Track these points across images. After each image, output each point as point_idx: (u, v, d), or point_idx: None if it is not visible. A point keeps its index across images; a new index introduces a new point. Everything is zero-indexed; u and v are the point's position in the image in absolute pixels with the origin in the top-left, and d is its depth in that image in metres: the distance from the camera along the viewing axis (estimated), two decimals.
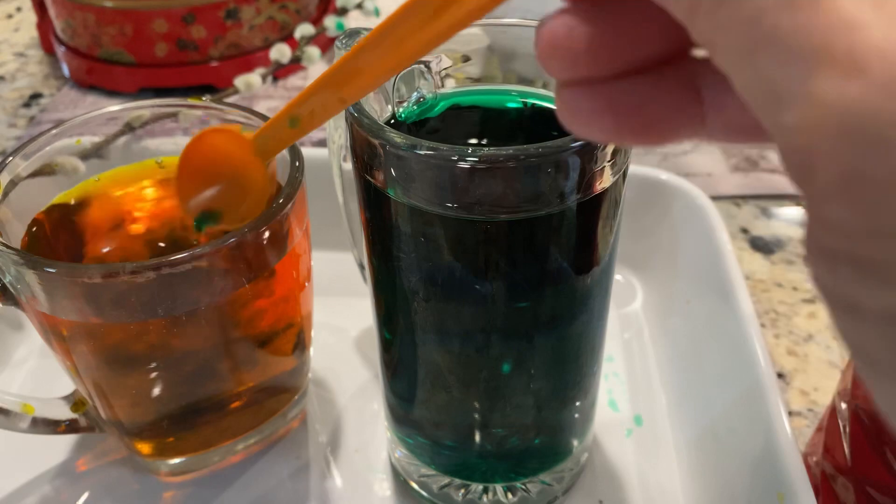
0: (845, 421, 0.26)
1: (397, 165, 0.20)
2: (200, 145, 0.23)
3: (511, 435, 0.27)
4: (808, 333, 0.37)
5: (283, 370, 0.31)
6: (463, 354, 0.24)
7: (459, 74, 0.26)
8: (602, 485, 0.30)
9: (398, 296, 0.24)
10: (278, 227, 0.25)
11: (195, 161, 0.23)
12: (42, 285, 0.23)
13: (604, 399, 0.33)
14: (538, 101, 0.25)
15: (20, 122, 0.55)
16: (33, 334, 0.36)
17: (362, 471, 0.31)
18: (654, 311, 0.37)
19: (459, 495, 0.29)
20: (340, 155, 0.29)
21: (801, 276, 0.41)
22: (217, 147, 0.23)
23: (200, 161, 0.23)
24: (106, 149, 0.30)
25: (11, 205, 0.27)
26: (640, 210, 0.37)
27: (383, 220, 0.22)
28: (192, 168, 0.24)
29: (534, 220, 0.21)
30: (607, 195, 0.21)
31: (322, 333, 0.36)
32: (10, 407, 0.28)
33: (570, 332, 0.24)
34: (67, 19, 0.55)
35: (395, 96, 0.24)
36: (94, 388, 0.27)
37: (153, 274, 0.23)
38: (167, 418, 0.28)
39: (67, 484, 0.30)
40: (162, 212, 0.29)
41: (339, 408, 0.33)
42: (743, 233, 0.44)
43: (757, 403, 0.28)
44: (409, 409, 0.28)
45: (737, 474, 0.28)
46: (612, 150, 0.21)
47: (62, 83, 0.59)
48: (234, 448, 0.31)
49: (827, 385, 0.35)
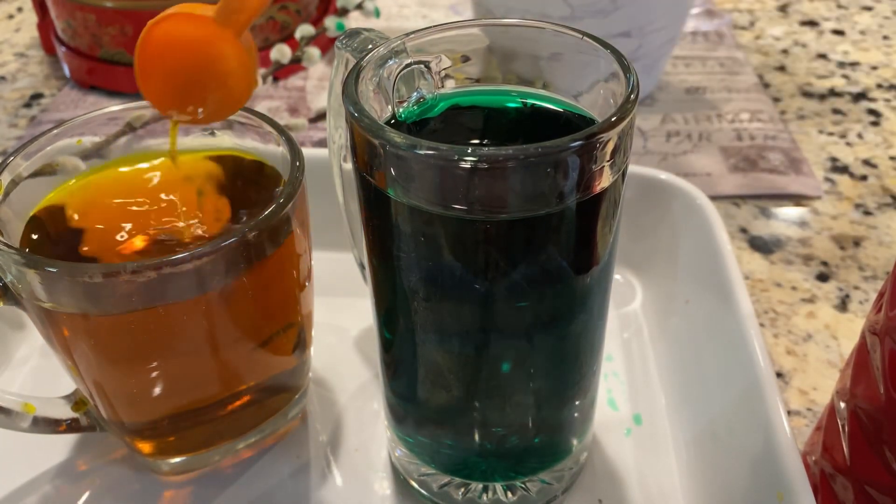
0: (844, 420, 0.26)
1: (397, 165, 0.20)
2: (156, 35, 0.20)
3: (511, 434, 0.27)
4: (807, 333, 0.37)
5: (283, 369, 0.31)
6: (463, 354, 0.24)
7: (459, 74, 0.26)
8: (601, 484, 0.30)
9: (398, 295, 0.24)
10: (278, 226, 0.26)
11: (155, 54, 0.21)
12: (43, 285, 0.24)
13: (603, 398, 0.33)
14: (538, 102, 0.25)
15: (21, 122, 0.55)
16: (34, 334, 0.36)
17: (362, 470, 0.31)
18: (654, 311, 0.37)
19: (459, 494, 0.29)
20: (340, 155, 0.29)
21: (800, 275, 0.41)
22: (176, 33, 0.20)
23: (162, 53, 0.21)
24: (107, 149, 0.30)
25: (12, 205, 0.27)
26: (639, 210, 0.37)
27: (383, 220, 0.22)
28: (154, 63, 0.21)
29: (533, 220, 0.21)
30: (607, 195, 0.22)
31: (322, 333, 0.36)
32: (11, 406, 0.28)
33: (569, 331, 0.24)
34: (68, 20, 0.55)
35: (395, 96, 0.24)
36: (95, 387, 0.27)
37: (154, 273, 0.23)
38: (168, 417, 0.29)
39: (68, 483, 0.30)
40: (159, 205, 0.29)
41: (340, 407, 0.33)
42: (742, 233, 0.44)
43: (756, 403, 0.28)
44: (409, 408, 0.28)
45: (736, 473, 0.28)
46: (612, 150, 0.21)
47: (63, 83, 0.59)
48: (235, 447, 0.31)
49: (826, 384, 0.35)
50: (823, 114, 0.54)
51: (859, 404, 0.25)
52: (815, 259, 0.42)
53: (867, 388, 0.24)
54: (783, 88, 0.57)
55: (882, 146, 0.51)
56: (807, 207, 0.45)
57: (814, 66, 0.60)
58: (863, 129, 0.52)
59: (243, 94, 0.22)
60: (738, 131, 0.52)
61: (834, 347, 0.37)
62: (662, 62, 0.54)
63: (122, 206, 0.29)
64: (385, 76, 0.23)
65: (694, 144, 0.50)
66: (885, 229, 0.44)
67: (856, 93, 0.56)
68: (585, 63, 0.24)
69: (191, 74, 0.21)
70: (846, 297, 0.39)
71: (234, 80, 0.21)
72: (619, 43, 0.45)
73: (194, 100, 0.21)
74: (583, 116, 0.24)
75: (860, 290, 0.40)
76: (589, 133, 0.19)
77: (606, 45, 0.23)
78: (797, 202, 0.46)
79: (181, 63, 0.21)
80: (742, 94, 0.56)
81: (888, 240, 0.43)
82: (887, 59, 0.61)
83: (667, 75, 0.58)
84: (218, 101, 0.22)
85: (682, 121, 0.53)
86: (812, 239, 0.43)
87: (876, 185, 0.47)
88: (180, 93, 0.21)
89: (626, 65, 0.22)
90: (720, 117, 0.53)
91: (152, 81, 0.21)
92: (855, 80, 0.58)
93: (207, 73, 0.21)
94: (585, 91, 0.24)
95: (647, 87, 0.55)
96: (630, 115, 0.20)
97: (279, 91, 0.57)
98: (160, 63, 0.21)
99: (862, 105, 0.55)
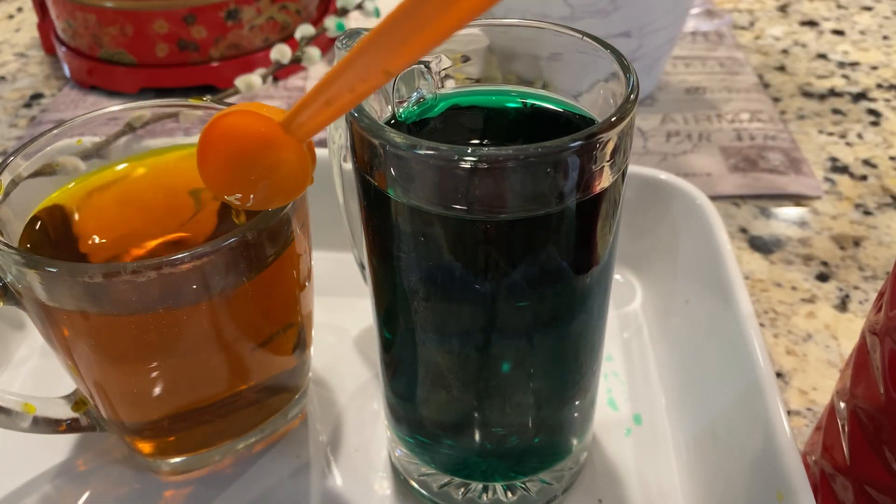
0: (844, 420, 0.26)
1: (397, 165, 0.20)
2: (223, 128, 0.21)
3: (511, 434, 0.27)
4: (807, 333, 0.37)
5: (283, 369, 0.31)
6: (462, 354, 0.24)
7: (459, 74, 0.26)
8: (601, 483, 0.30)
9: (398, 295, 0.24)
10: (278, 226, 0.26)
11: (221, 149, 0.22)
12: (43, 285, 0.24)
13: (603, 398, 0.33)
14: (538, 102, 0.25)
15: (21, 122, 0.55)
16: (34, 334, 0.36)
17: (362, 470, 0.31)
18: (654, 311, 0.37)
19: (459, 494, 0.29)
20: (340, 155, 0.29)
21: (800, 275, 0.41)
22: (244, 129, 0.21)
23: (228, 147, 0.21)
24: (107, 149, 0.30)
25: (12, 205, 0.27)
26: (639, 210, 0.37)
27: (383, 220, 0.22)
28: (218, 158, 0.22)
29: (533, 220, 0.21)
30: (606, 195, 0.22)
31: (322, 333, 0.36)
32: (12, 406, 0.28)
33: (569, 331, 0.24)
34: (68, 20, 0.55)
35: (395, 96, 0.24)
36: (95, 387, 0.27)
37: (154, 273, 0.23)
38: (168, 417, 0.29)
39: (68, 483, 0.30)
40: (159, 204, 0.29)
41: (340, 407, 0.33)
42: (742, 232, 0.44)
43: (756, 403, 0.28)
44: (408, 408, 0.28)
45: (736, 473, 0.28)
46: (612, 150, 0.21)
47: (63, 83, 0.59)
48: (235, 447, 0.31)
49: (826, 384, 0.35)
50: (823, 114, 0.54)
51: (859, 404, 0.25)
52: (815, 259, 0.42)
53: (867, 388, 0.24)
54: (783, 88, 0.57)
55: (882, 146, 0.51)
56: (807, 207, 0.45)
57: (814, 66, 0.60)
58: (863, 129, 0.52)
59: (294, 193, 0.23)
60: (738, 131, 0.52)
61: (834, 347, 0.37)
62: (662, 62, 0.54)
63: (122, 206, 0.29)
64: None
65: (694, 144, 0.51)
66: (885, 229, 0.44)
67: (856, 93, 0.56)
68: (585, 63, 0.24)
69: (249, 168, 0.21)
70: (846, 297, 0.39)
71: (290, 181, 0.22)
72: (619, 43, 0.45)
73: (248, 190, 0.22)
74: (583, 116, 0.24)
75: (860, 290, 0.40)
76: (589, 133, 0.19)
77: (606, 45, 0.23)
78: (797, 202, 0.46)
79: (243, 155, 0.21)
80: (742, 94, 0.56)
81: (888, 240, 0.43)
82: (887, 59, 0.61)
83: (667, 75, 0.58)
84: (270, 196, 0.23)
85: (682, 121, 0.53)
86: (812, 239, 0.43)
87: (876, 185, 0.47)
88: (236, 182, 0.22)
89: (626, 65, 0.22)
90: (720, 117, 0.53)
91: (211, 166, 0.22)
92: (855, 80, 0.58)
93: (265, 170, 0.21)
94: (585, 91, 0.24)
95: (647, 87, 0.55)
96: (630, 115, 0.20)
97: (279, 91, 0.57)
98: (223, 151, 0.22)
99: (862, 105, 0.55)
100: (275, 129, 0.20)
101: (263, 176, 0.22)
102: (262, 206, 0.23)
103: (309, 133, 0.21)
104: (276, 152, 0.21)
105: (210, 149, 0.22)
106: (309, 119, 0.20)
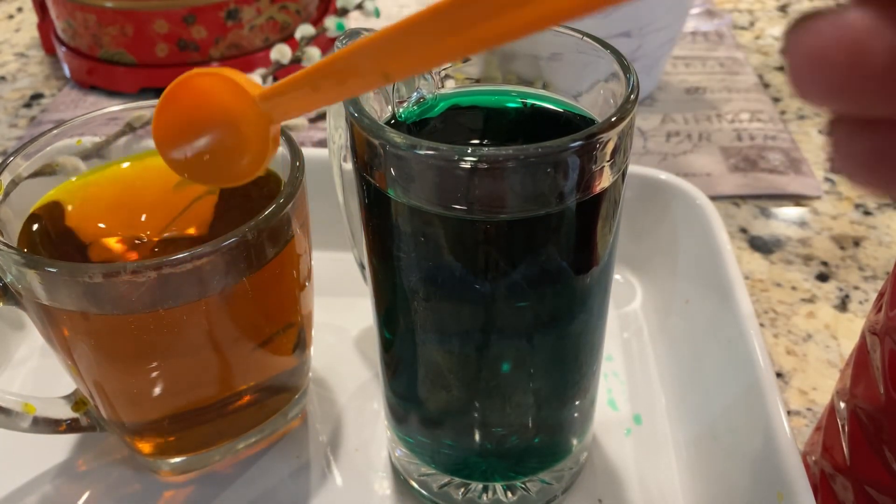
0: (844, 420, 0.26)
1: (397, 165, 0.20)
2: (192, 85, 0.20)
3: (511, 434, 0.27)
4: (807, 333, 0.37)
5: (283, 369, 0.31)
6: (462, 354, 0.24)
7: (459, 74, 0.26)
8: (601, 484, 0.30)
9: (398, 295, 0.24)
10: (278, 226, 0.26)
11: (183, 103, 0.20)
12: (43, 285, 0.24)
13: (603, 398, 0.33)
14: (538, 102, 0.25)
15: (21, 122, 0.55)
16: (34, 334, 0.36)
17: (362, 470, 0.31)
18: (654, 311, 0.37)
19: (459, 494, 0.29)
20: (340, 155, 0.29)
21: (800, 275, 0.41)
22: (213, 91, 0.20)
23: (191, 103, 0.20)
24: (107, 149, 0.30)
25: (12, 205, 0.27)
26: (639, 210, 0.37)
27: (383, 220, 0.22)
28: (178, 111, 0.20)
29: (533, 220, 0.21)
30: (607, 195, 0.22)
31: (322, 333, 0.36)
32: (11, 406, 0.28)
33: (569, 331, 0.24)
34: (68, 20, 0.56)
35: (395, 96, 0.24)
36: (95, 387, 0.27)
37: (154, 273, 0.23)
38: (168, 417, 0.29)
39: (68, 483, 0.30)
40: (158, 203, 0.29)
41: (340, 407, 0.33)
42: (742, 232, 0.44)
43: (756, 403, 0.28)
44: (409, 408, 0.28)
45: (736, 473, 0.28)
46: (612, 150, 0.21)
47: (63, 83, 0.59)
48: (235, 447, 0.31)
49: (826, 384, 0.35)
50: (823, 114, 0.54)
51: (859, 404, 0.25)
52: (815, 259, 0.42)
53: (867, 388, 0.24)
54: (783, 88, 0.57)
55: None
56: (807, 207, 0.45)
57: None
58: None
59: (239, 177, 0.21)
60: (738, 131, 0.52)
61: (834, 347, 0.37)
62: (662, 62, 0.54)
63: (121, 206, 0.29)
64: None
65: (694, 144, 0.50)
66: (885, 229, 0.44)
67: None
68: (585, 63, 0.24)
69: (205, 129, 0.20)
70: (846, 297, 0.39)
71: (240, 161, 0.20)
72: (619, 43, 0.45)
73: (195, 154, 0.21)
74: (583, 116, 0.24)
75: (860, 290, 0.40)
76: (589, 133, 0.19)
77: (606, 45, 0.23)
78: (797, 202, 0.46)
79: (204, 114, 0.20)
80: (742, 94, 0.56)
81: (888, 240, 0.43)
82: None
83: (667, 75, 0.58)
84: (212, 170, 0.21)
85: (682, 121, 0.53)
86: (812, 239, 0.43)
87: None
88: (185, 139, 0.21)
89: (626, 65, 0.22)
90: (720, 117, 0.53)
91: (169, 115, 0.21)
92: None
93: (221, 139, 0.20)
94: (585, 91, 0.24)
95: (647, 87, 0.55)
96: (630, 115, 0.20)
97: None
98: (186, 105, 0.20)
99: None
100: (247, 98, 0.19)
101: (216, 145, 0.20)
102: (199, 179, 0.22)
103: (285, 114, 0.19)
104: (240, 124, 0.20)
105: (174, 99, 0.21)
106: (290, 100, 0.19)
